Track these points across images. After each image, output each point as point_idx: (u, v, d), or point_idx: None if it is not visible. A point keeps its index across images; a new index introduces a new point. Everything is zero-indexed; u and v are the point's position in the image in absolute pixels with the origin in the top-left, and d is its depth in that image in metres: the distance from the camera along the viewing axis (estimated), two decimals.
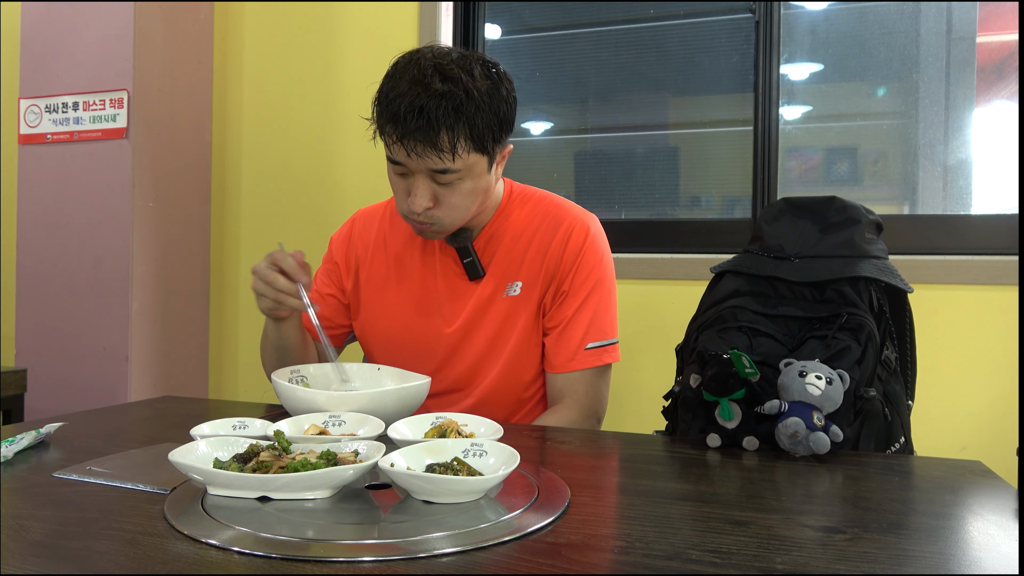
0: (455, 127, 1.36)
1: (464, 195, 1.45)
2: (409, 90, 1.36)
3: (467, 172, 1.43)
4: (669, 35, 2.68)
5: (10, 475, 1.03)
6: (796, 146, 2.56)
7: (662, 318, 2.38)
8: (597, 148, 2.84)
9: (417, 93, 1.35)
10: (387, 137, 1.40)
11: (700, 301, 1.49)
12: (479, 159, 1.43)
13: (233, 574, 0.72)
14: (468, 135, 1.38)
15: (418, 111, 1.34)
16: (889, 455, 1.26)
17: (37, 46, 2.60)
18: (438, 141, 1.36)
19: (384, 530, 0.83)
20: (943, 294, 2.18)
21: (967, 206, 2.41)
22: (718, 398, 1.20)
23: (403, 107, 1.35)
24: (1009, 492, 1.00)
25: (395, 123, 1.37)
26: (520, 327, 1.59)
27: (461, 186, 1.44)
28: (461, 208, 1.47)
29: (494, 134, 1.43)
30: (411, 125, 1.35)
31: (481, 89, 1.39)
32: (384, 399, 1.28)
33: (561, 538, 0.82)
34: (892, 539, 0.82)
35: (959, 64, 2.46)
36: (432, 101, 1.34)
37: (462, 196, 1.45)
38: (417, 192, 1.42)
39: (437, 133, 1.35)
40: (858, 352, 1.28)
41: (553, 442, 1.31)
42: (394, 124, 1.37)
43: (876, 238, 1.46)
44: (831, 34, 2.53)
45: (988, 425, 2.12)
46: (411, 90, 1.36)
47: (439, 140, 1.36)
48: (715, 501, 0.96)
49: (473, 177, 1.45)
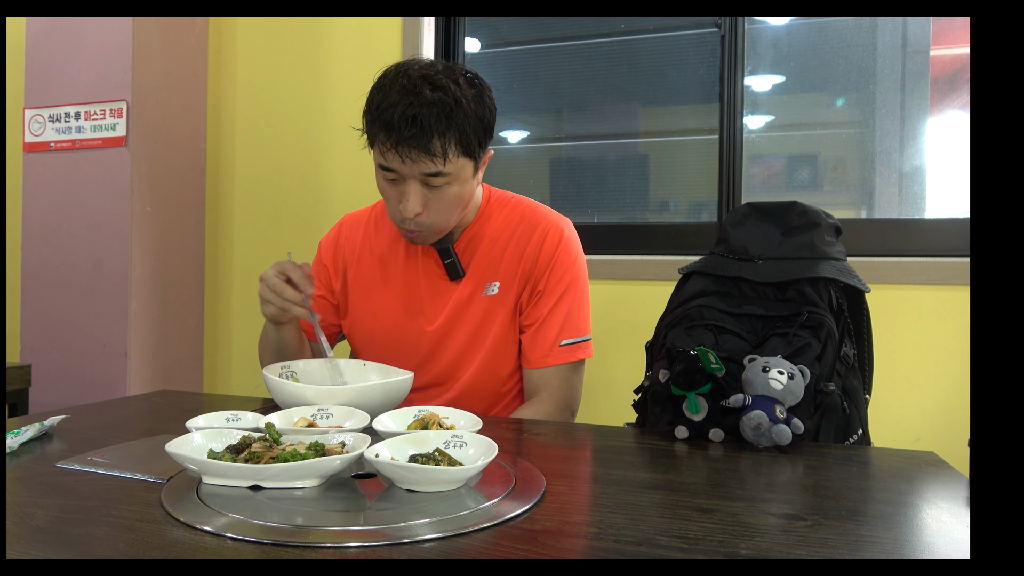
0: (446, 133, 1.38)
1: (452, 199, 1.46)
2: (401, 100, 1.37)
3: (456, 176, 1.44)
4: (639, 48, 2.68)
5: (15, 465, 1.03)
6: (759, 154, 2.57)
7: (632, 316, 2.38)
8: (571, 155, 2.85)
9: (409, 102, 1.36)
10: (381, 145, 1.40)
11: (668, 300, 1.49)
12: (466, 163, 1.45)
13: (226, 559, 0.72)
14: (458, 140, 1.40)
15: (411, 119, 1.35)
16: (847, 446, 1.26)
17: (41, 59, 2.62)
18: (431, 146, 1.37)
19: (369, 517, 0.84)
20: (898, 294, 2.19)
21: (921, 210, 2.43)
22: (686, 392, 1.21)
23: (396, 116, 1.36)
24: (961, 481, 1.00)
25: (389, 131, 1.37)
26: (498, 325, 1.59)
27: (449, 190, 1.45)
28: (448, 212, 1.48)
29: (479, 139, 1.45)
30: (405, 133, 1.36)
31: (468, 97, 1.41)
32: (369, 393, 1.28)
33: (537, 525, 0.82)
34: (850, 525, 0.82)
35: (914, 76, 2.48)
36: (424, 109, 1.36)
37: (450, 200, 1.46)
38: (409, 197, 1.43)
39: (430, 139, 1.36)
40: (818, 349, 1.28)
41: (529, 434, 1.30)
42: (388, 132, 1.37)
43: (835, 241, 1.47)
44: (792, 48, 2.54)
45: (941, 418, 2.15)
46: (403, 100, 1.37)
47: (432, 145, 1.37)
48: (683, 490, 0.97)
49: (460, 181, 1.46)
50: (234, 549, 0.74)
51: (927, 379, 2.18)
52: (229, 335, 2.93)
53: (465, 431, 1.04)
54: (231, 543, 0.75)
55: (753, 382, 1.18)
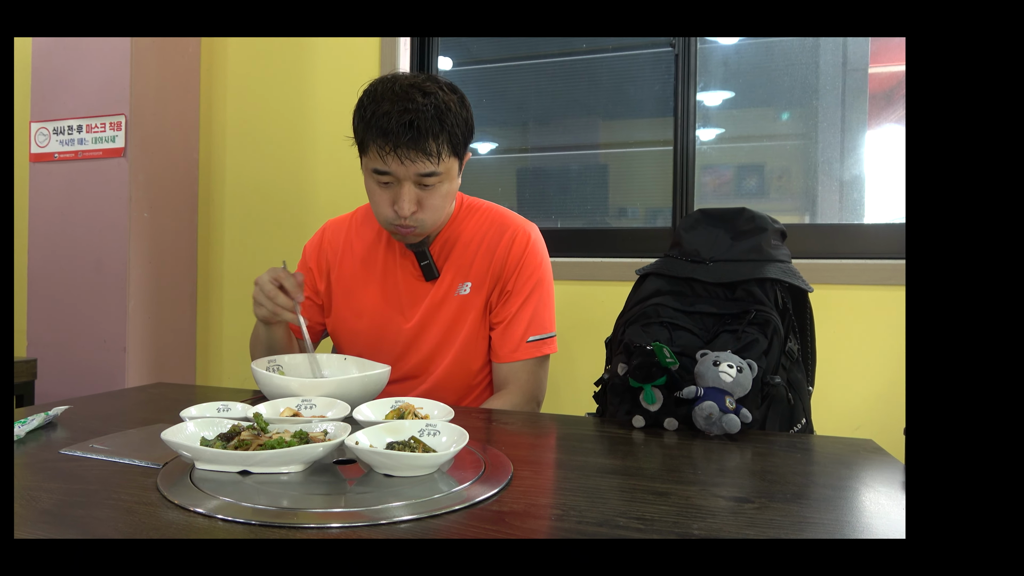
0: (440, 134, 1.41)
1: (442, 197, 1.48)
2: (394, 107, 1.39)
3: (446, 175, 1.46)
4: (599, 66, 2.68)
5: (22, 452, 1.03)
6: (710, 164, 2.56)
7: (593, 314, 2.38)
8: (536, 165, 2.84)
9: (404, 108, 1.38)
10: (378, 150, 1.41)
11: (626, 299, 1.48)
12: (454, 162, 1.48)
13: (217, 539, 0.72)
14: (448, 141, 1.43)
15: (408, 123, 1.37)
16: (792, 434, 1.27)
17: (46, 76, 2.63)
18: (428, 147, 1.39)
19: (350, 500, 0.84)
20: (839, 293, 2.20)
21: (860, 216, 2.43)
22: (642, 384, 1.21)
23: (393, 122, 1.38)
24: (897, 467, 1.01)
25: (387, 136, 1.39)
26: (469, 322, 1.60)
27: (440, 188, 1.47)
28: (439, 208, 1.50)
29: (465, 140, 1.49)
30: (404, 137, 1.38)
31: (453, 101, 1.44)
32: (350, 385, 1.28)
33: (505, 507, 0.83)
34: (795, 508, 0.83)
35: (853, 92, 2.48)
36: (419, 114, 1.38)
37: (441, 197, 1.48)
38: (404, 198, 1.44)
39: (426, 141, 1.39)
40: (765, 344, 1.29)
41: (498, 423, 1.31)
42: (385, 138, 1.39)
43: (781, 244, 1.47)
44: (741, 66, 2.55)
45: (879, 408, 2.16)
46: (397, 106, 1.39)
47: (428, 147, 1.39)
48: (639, 475, 0.97)
49: (449, 180, 1.49)
50: (225, 529, 0.74)
51: (865, 372, 2.18)
52: (220, 331, 2.93)
53: (438, 420, 1.04)
54: (222, 524, 0.76)
55: (705, 375, 1.18)
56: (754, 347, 1.27)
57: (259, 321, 1.58)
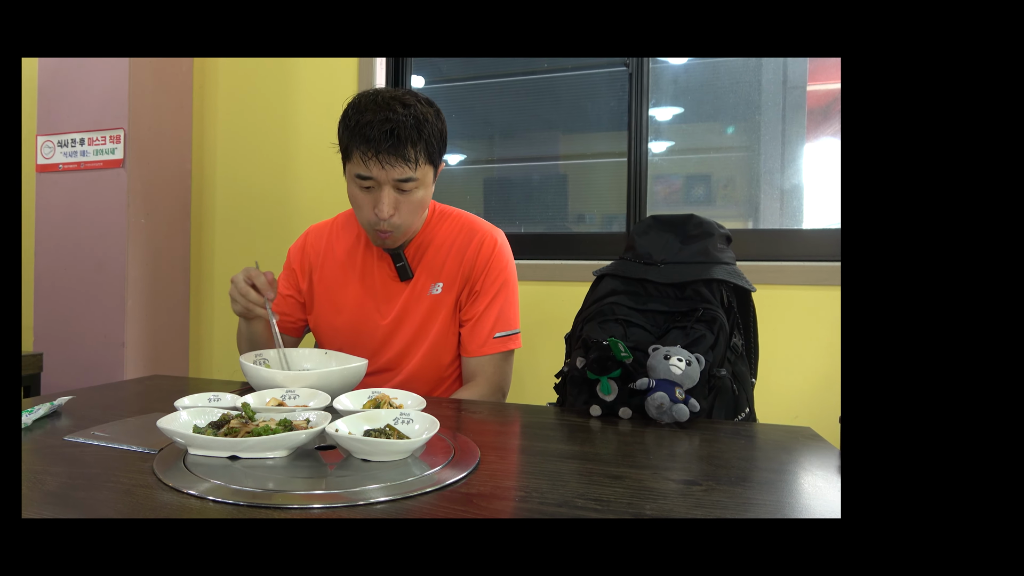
0: (417, 142, 1.43)
1: (418, 201, 1.49)
2: (376, 116, 1.41)
3: (422, 181, 1.48)
4: (559, 84, 2.69)
5: (29, 439, 1.02)
6: (662, 174, 2.57)
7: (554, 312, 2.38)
8: (501, 175, 2.84)
9: (386, 118, 1.40)
10: (361, 156, 1.42)
11: (584, 298, 1.50)
12: (429, 169, 1.49)
13: (209, 518, 0.72)
14: (425, 148, 1.44)
15: (389, 132, 1.40)
16: (736, 422, 1.28)
17: (51, 92, 2.64)
18: (406, 154, 1.41)
19: (331, 483, 0.84)
20: (780, 293, 2.21)
21: (799, 222, 2.44)
22: (599, 376, 1.22)
23: (376, 130, 1.39)
24: (833, 452, 1.03)
25: (369, 143, 1.40)
26: (441, 320, 1.60)
27: (416, 193, 1.48)
28: (415, 212, 1.51)
29: (440, 149, 1.51)
30: (384, 144, 1.39)
31: (430, 113, 1.47)
32: (330, 377, 1.28)
33: (473, 489, 0.83)
34: (739, 490, 0.84)
35: (793, 108, 2.49)
36: (399, 123, 1.40)
37: (416, 202, 1.49)
38: (384, 201, 1.45)
39: (405, 147, 1.41)
40: (712, 340, 1.30)
41: (466, 412, 1.31)
42: (368, 144, 1.40)
43: (726, 248, 1.49)
44: (690, 83, 2.56)
45: (816, 398, 2.17)
46: (378, 116, 1.41)
47: (407, 153, 1.41)
48: (596, 459, 0.98)
49: (424, 186, 1.50)
50: (215, 510, 0.75)
51: (804, 365, 2.19)
52: (211, 328, 2.94)
53: (411, 410, 1.04)
54: (213, 505, 0.76)
55: (656, 368, 1.19)
56: (702, 342, 1.28)
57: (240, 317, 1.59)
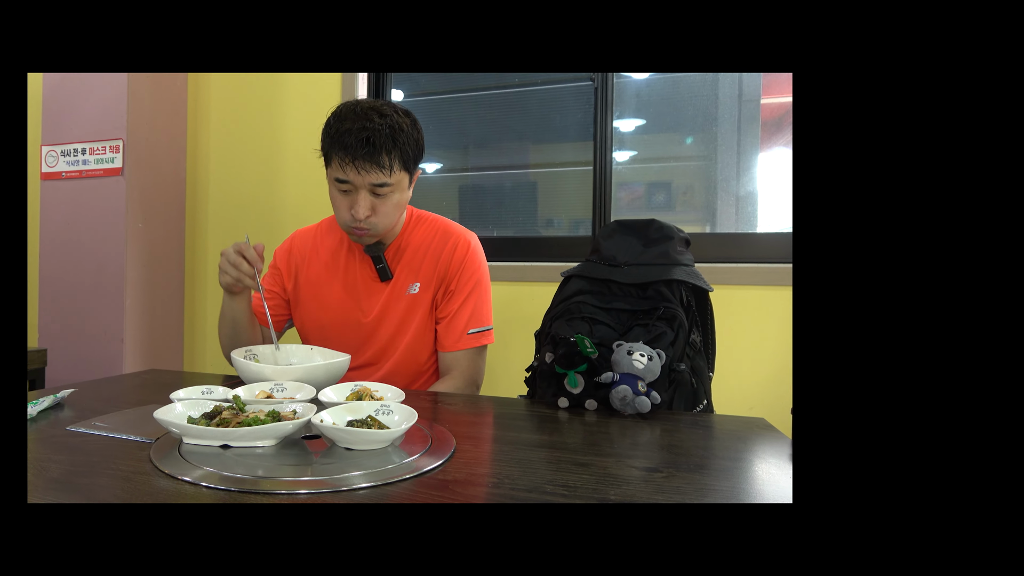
0: (392, 150, 1.44)
1: (392, 205, 1.50)
2: (355, 125, 1.42)
3: (397, 186, 1.49)
4: (529, 97, 2.69)
5: (34, 429, 1.02)
6: (625, 181, 2.58)
7: (524, 310, 2.39)
8: (476, 183, 2.85)
9: (363, 127, 1.42)
10: (340, 161, 1.43)
11: (553, 298, 1.50)
12: (404, 176, 1.50)
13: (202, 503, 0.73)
14: (400, 156, 1.46)
15: (366, 139, 1.41)
16: (695, 413, 1.29)
17: (55, 105, 2.64)
18: (381, 160, 1.43)
19: (316, 470, 0.85)
20: (736, 293, 2.21)
21: (754, 226, 2.43)
22: (566, 371, 1.23)
23: (353, 137, 1.40)
24: (785, 441, 1.04)
25: (347, 150, 1.41)
26: (419, 317, 1.61)
27: (392, 197, 1.49)
28: (390, 215, 1.52)
29: (415, 157, 1.51)
30: (361, 151, 1.41)
31: (406, 123, 1.48)
32: (315, 372, 1.29)
33: (449, 476, 0.84)
34: (697, 476, 0.85)
35: (748, 120, 2.49)
36: (375, 131, 1.42)
37: (391, 205, 1.50)
38: (360, 203, 1.46)
39: (380, 154, 1.42)
40: (672, 336, 1.31)
41: (443, 404, 1.32)
42: (346, 151, 1.41)
43: (685, 250, 1.50)
44: (652, 97, 2.56)
45: (769, 391, 2.18)
46: (357, 124, 1.42)
47: (382, 160, 1.43)
48: (564, 448, 0.98)
49: (400, 191, 1.51)
50: (208, 495, 0.76)
51: (758, 360, 2.20)
52: (204, 325, 2.95)
53: (392, 402, 1.05)
54: (206, 490, 0.77)
55: (620, 363, 1.20)
56: (662, 339, 1.29)
57: (225, 295, 1.56)
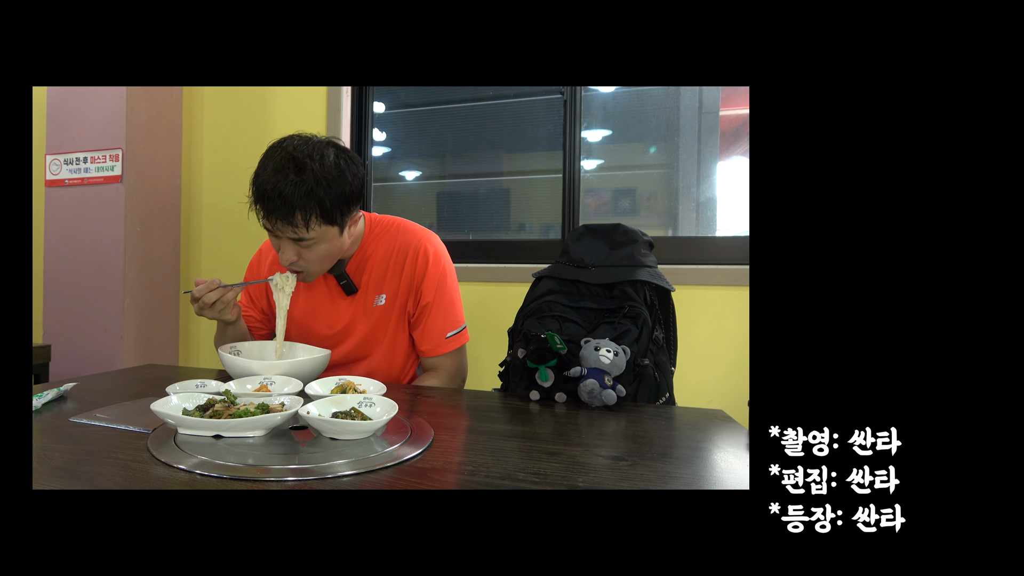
0: (307, 207, 1.31)
1: (320, 254, 1.41)
2: (271, 176, 1.31)
3: (320, 238, 1.37)
4: (503, 110, 2.70)
5: (39, 420, 1.03)
6: (592, 188, 2.58)
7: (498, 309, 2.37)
8: (452, 189, 2.85)
9: (277, 180, 1.30)
10: (257, 211, 1.35)
11: (525, 297, 1.50)
12: (330, 228, 1.38)
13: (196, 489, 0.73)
14: (318, 213, 1.33)
15: (278, 195, 1.30)
16: (658, 406, 1.30)
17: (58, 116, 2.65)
18: (294, 219, 1.31)
19: (303, 458, 0.85)
20: (696, 292, 2.21)
21: (713, 230, 2.46)
22: (538, 365, 1.23)
23: (267, 190, 1.31)
24: (742, 432, 1.05)
25: (262, 203, 1.33)
26: (391, 327, 1.56)
27: (318, 248, 1.39)
28: (320, 262, 1.43)
29: (341, 209, 1.37)
30: (272, 205, 1.31)
31: (330, 175, 1.33)
32: (301, 366, 1.29)
33: (427, 464, 0.84)
34: (660, 464, 0.86)
35: (707, 130, 2.49)
36: (289, 188, 1.29)
37: (319, 254, 1.41)
38: (284, 251, 1.39)
39: (292, 213, 1.31)
40: (636, 333, 1.31)
41: (422, 396, 1.32)
42: (261, 203, 1.33)
43: (649, 253, 1.50)
44: (617, 109, 2.57)
45: (728, 384, 2.19)
46: (273, 177, 1.31)
47: (294, 218, 1.31)
48: (535, 438, 0.99)
49: (327, 241, 1.39)
50: (202, 482, 0.76)
51: (717, 356, 2.20)
52: (198, 323, 2.95)
53: (374, 395, 1.05)
54: (200, 477, 0.77)
55: (588, 358, 1.21)
56: (627, 336, 1.30)
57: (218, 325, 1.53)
